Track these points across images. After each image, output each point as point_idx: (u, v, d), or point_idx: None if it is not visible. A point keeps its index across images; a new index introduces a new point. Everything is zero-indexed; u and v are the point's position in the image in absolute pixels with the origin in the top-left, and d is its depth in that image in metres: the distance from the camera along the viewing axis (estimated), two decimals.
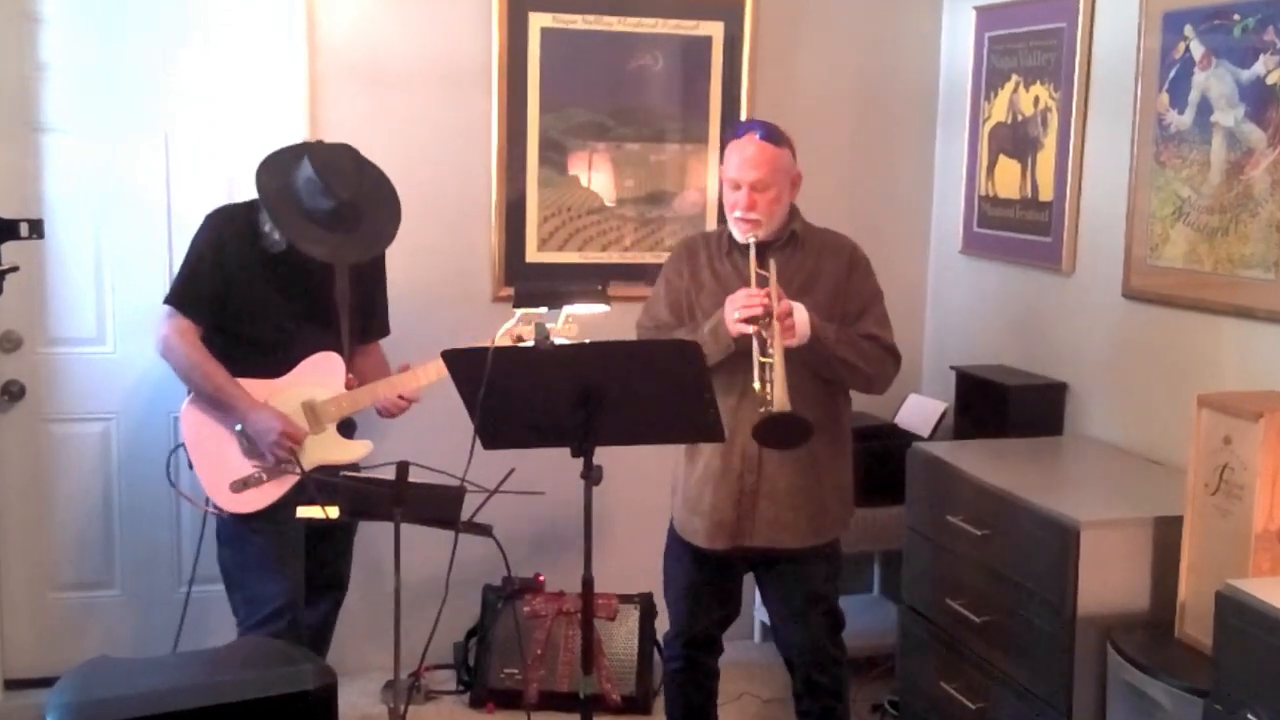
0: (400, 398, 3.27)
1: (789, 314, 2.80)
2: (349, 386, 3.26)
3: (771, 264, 2.89)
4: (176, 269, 3.26)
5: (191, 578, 3.30)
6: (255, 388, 3.18)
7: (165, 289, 3.78)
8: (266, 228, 3.17)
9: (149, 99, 3.78)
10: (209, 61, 3.80)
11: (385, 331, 3.49)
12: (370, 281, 3.39)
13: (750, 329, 2.77)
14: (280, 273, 3.20)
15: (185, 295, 3.19)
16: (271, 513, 3.16)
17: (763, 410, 2.65)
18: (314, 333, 3.25)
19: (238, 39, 3.81)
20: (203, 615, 3.52)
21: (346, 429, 3.34)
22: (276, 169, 3.17)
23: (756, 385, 2.71)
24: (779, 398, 2.63)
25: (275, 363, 3.21)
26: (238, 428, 3.14)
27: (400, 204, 3.30)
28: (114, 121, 3.76)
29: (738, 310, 2.80)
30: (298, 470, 3.07)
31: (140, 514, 3.91)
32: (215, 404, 3.15)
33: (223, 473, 3.16)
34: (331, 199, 3.09)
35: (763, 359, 2.73)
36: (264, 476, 3.15)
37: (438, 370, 3.00)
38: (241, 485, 3.15)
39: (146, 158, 3.79)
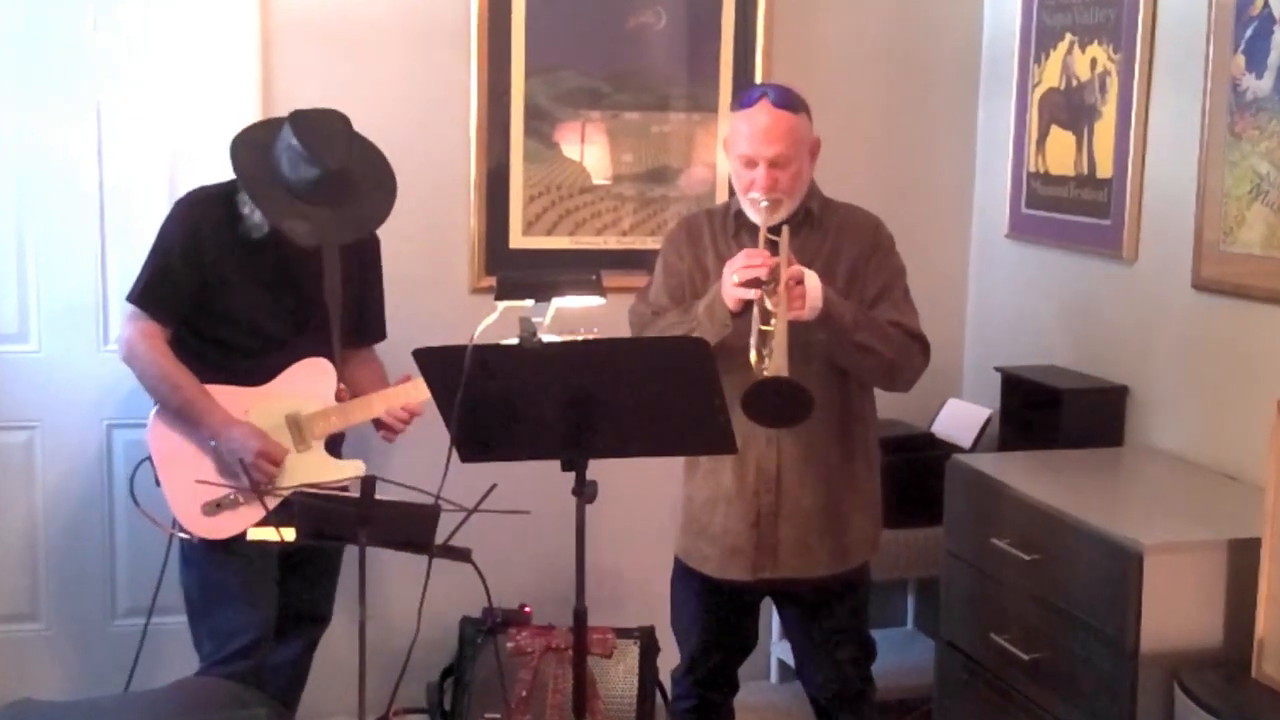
0: (402, 408, 3.24)
1: (799, 280, 2.76)
2: (340, 398, 3.25)
3: (784, 228, 2.87)
4: (118, 257, 3.21)
5: (151, 607, 3.27)
6: (233, 396, 3.16)
7: (97, 278, 3.82)
8: (245, 209, 3.15)
9: (77, 61, 3.77)
10: (146, 18, 3.80)
11: (381, 335, 3.47)
12: (363, 275, 3.37)
13: (752, 293, 2.72)
14: (263, 264, 3.18)
15: (152, 294, 3.16)
16: (244, 537, 3.11)
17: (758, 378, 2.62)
18: (300, 335, 3.23)
19: None
20: (153, 650, 3.50)
21: (334, 445, 3.32)
22: (254, 139, 3.15)
23: (753, 356, 2.67)
24: (776, 363, 2.59)
25: (256, 368, 3.20)
26: (212, 443, 3.13)
27: (395, 178, 3.28)
28: (37, 87, 3.76)
29: (736, 272, 2.76)
30: (276, 494, 3.02)
31: (69, 537, 3.91)
32: (184, 419, 3.15)
33: (194, 493, 3.13)
34: (317, 167, 3.07)
35: (764, 327, 2.69)
36: (240, 499, 3.13)
37: None
38: (214, 508, 3.13)
39: (75, 128, 3.79)
